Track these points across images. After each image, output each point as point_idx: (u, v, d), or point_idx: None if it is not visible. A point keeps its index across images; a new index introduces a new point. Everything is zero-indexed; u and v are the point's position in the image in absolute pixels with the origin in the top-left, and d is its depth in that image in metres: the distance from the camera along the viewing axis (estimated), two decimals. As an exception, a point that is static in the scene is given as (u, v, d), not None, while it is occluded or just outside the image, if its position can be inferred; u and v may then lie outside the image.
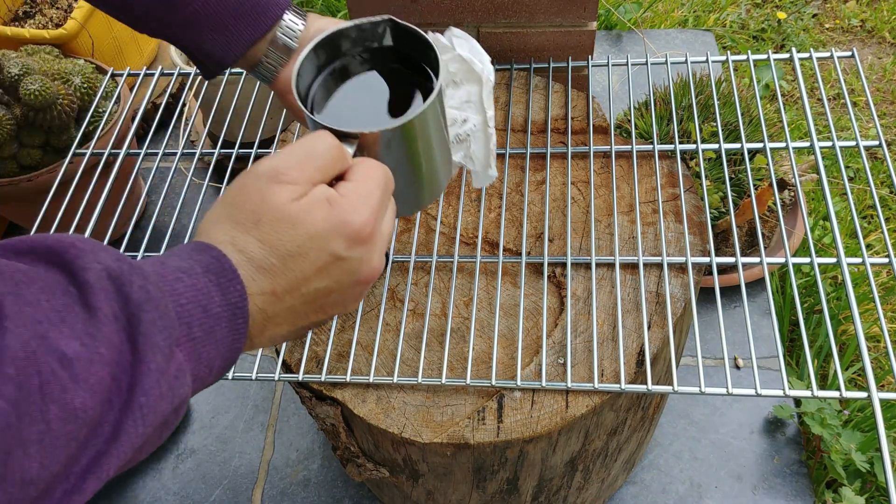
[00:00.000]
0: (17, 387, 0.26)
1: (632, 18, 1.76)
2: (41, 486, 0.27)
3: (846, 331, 1.21)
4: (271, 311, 0.37)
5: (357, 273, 0.40)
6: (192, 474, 1.11)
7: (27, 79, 1.13)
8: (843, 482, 1.00)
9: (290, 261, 0.37)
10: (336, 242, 0.38)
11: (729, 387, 0.60)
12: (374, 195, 0.40)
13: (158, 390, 0.30)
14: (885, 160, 0.74)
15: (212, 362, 0.34)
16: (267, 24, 0.54)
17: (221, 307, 0.34)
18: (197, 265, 0.34)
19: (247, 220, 0.37)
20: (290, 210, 0.37)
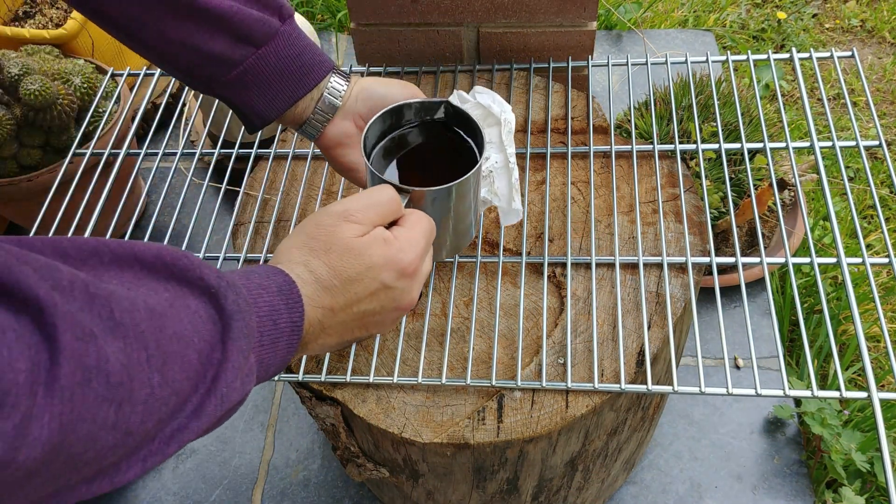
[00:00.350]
0: (127, 355, 0.31)
1: (632, 18, 1.76)
2: (137, 440, 0.33)
3: (846, 331, 1.21)
4: (327, 323, 0.45)
5: (399, 301, 0.48)
6: (193, 474, 1.11)
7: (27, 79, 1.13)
8: (844, 482, 1.00)
9: (348, 284, 0.45)
10: (386, 274, 0.46)
11: (729, 387, 0.60)
12: (420, 242, 0.48)
13: (235, 384, 0.37)
14: (885, 160, 0.74)
15: (269, 368, 0.42)
16: (310, 84, 0.59)
17: (286, 324, 0.42)
18: (273, 285, 0.42)
19: (320, 248, 0.45)
20: (355, 244, 0.45)
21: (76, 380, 0.28)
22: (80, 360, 0.29)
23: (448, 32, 0.91)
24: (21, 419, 0.27)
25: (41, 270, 0.29)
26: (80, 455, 0.30)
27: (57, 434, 0.28)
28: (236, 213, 0.80)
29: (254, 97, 0.59)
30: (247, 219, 0.79)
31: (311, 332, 0.44)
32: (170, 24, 0.54)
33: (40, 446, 0.27)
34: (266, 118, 0.60)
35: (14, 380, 0.26)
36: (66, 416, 0.28)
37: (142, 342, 0.32)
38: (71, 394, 0.28)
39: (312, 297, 0.44)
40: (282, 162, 0.84)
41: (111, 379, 0.30)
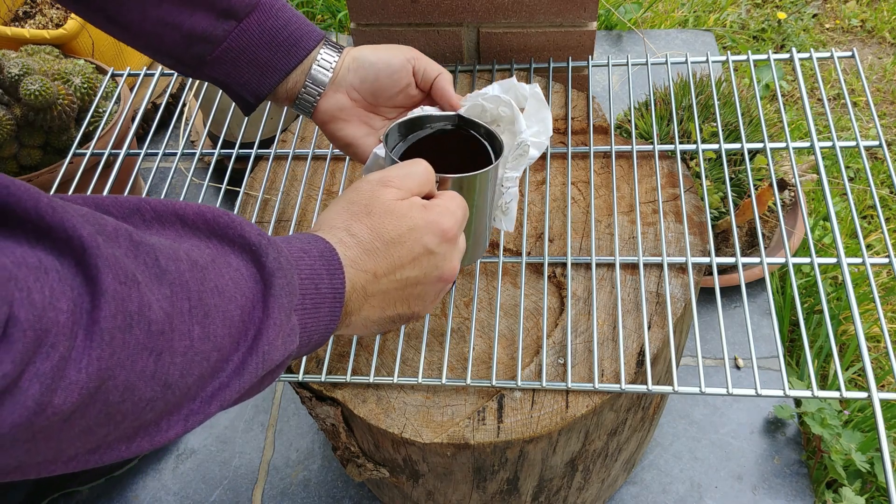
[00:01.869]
0: (171, 303, 0.31)
1: (632, 19, 1.76)
2: (177, 396, 0.32)
3: (846, 331, 1.21)
4: (370, 290, 0.44)
5: (441, 268, 0.47)
6: (193, 474, 1.11)
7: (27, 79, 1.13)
8: (844, 482, 1.00)
9: (391, 246, 0.44)
10: (429, 237, 0.45)
11: (729, 387, 0.60)
12: (458, 212, 0.48)
13: (278, 341, 0.37)
14: (885, 160, 0.74)
15: (311, 335, 0.41)
16: (300, 55, 0.58)
17: (328, 289, 0.41)
18: (314, 249, 0.41)
19: (360, 211, 0.45)
20: (395, 206, 0.45)
21: (117, 324, 0.28)
22: (122, 305, 0.28)
23: (448, 32, 0.91)
24: (59, 360, 0.26)
25: (86, 216, 0.29)
26: (118, 405, 0.29)
27: (95, 379, 0.27)
28: (236, 213, 0.79)
29: (244, 73, 0.58)
30: (247, 219, 0.79)
31: (355, 300, 0.43)
32: (149, 2, 0.53)
33: (77, 390, 0.27)
34: (259, 93, 0.59)
35: (55, 319, 0.26)
36: (105, 361, 0.27)
37: (185, 292, 0.32)
38: (111, 338, 0.28)
39: (355, 260, 0.43)
40: (282, 162, 0.84)
41: (152, 327, 0.29)
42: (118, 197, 0.34)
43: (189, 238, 0.36)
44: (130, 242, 0.30)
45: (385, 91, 0.60)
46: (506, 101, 0.59)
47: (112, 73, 0.93)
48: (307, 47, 0.58)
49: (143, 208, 0.35)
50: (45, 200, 0.27)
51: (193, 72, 0.59)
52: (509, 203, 0.62)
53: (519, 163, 0.60)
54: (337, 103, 0.60)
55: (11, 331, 0.24)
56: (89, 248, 0.28)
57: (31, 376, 0.25)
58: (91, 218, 0.29)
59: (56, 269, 0.27)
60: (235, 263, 0.36)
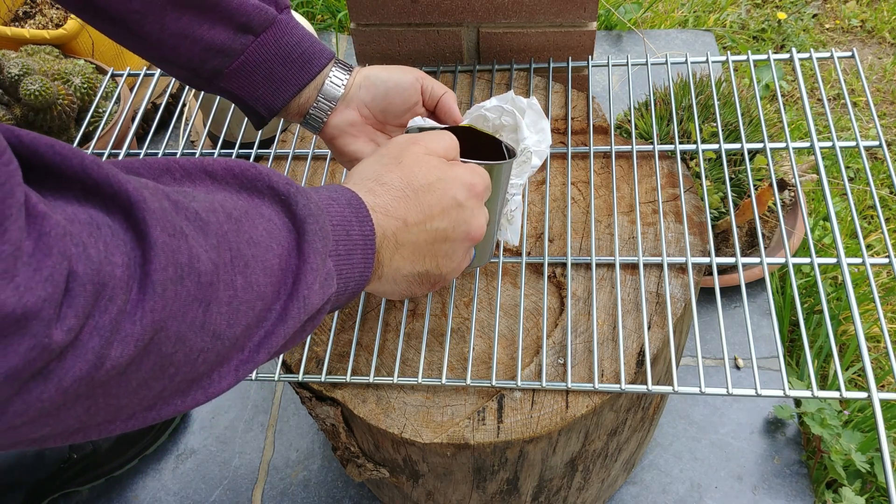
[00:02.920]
0: (217, 254, 0.32)
1: (632, 19, 1.76)
2: (226, 346, 0.33)
3: (846, 331, 1.21)
4: (401, 238, 0.45)
5: (469, 223, 0.48)
6: (192, 474, 1.11)
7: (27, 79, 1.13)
8: (844, 482, 1.00)
9: (422, 193, 0.45)
10: (458, 189, 0.46)
11: (729, 387, 0.60)
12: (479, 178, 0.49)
13: (315, 286, 0.37)
14: (886, 160, 0.74)
15: (347, 282, 0.42)
16: (313, 71, 0.59)
17: (359, 236, 0.42)
18: (342, 198, 0.42)
19: (391, 162, 0.46)
20: (425, 158, 0.46)
21: (168, 276, 0.28)
22: (173, 257, 0.29)
23: (448, 33, 0.91)
24: (117, 313, 0.26)
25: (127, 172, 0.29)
26: (171, 356, 0.30)
27: (149, 330, 0.28)
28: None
29: (259, 87, 0.59)
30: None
31: (386, 249, 0.44)
32: (170, 15, 0.54)
33: (133, 342, 0.27)
34: (272, 108, 0.60)
35: (111, 273, 0.26)
36: (158, 313, 0.28)
37: (226, 243, 0.32)
38: (163, 290, 0.28)
39: (385, 206, 0.44)
40: (282, 162, 0.84)
41: (202, 278, 0.30)
42: (147, 159, 0.35)
43: (220, 192, 0.36)
44: (169, 201, 0.31)
45: (394, 109, 0.62)
46: (508, 111, 0.60)
47: (112, 73, 0.93)
48: (320, 64, 0.60)
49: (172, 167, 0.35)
50: (89, 159, 0.28)
51: (208, 85, 0.60)
52: (514, 212, 0.62)
53: (522, 170, 0.61)
54: (347, 119, 0.61)
55: (72, 285, 0.25)
56: (136, 203, 0.28)
57: (90, 330, 0.26)
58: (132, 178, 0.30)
59: (108, 225, 0.27)
60: (268, 213, 0.37)
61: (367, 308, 0.71)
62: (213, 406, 1.18)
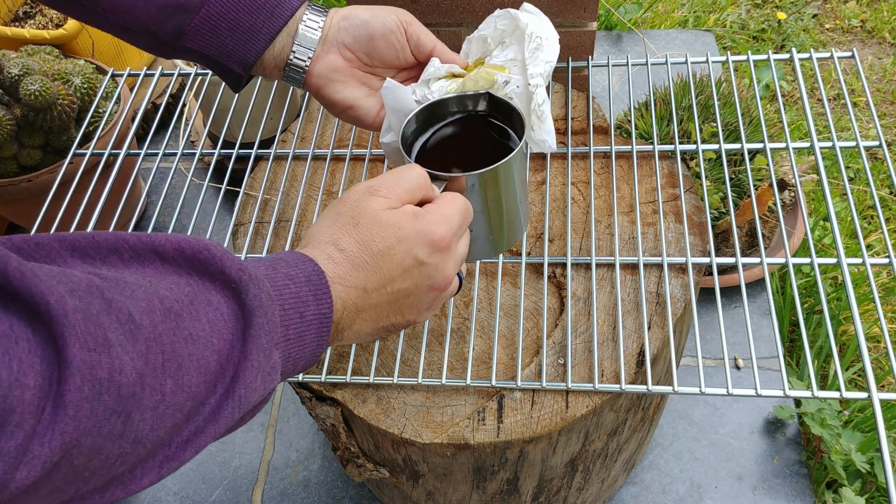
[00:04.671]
0: (145, 361, 0.30)
1: (632, 19, 1.76)
2: (148, 447, 0.32)
3: (846, 331, 1.21)
4: (361, 305, 0.43)
5: (433, 278, 0.46)
6: (192, 474, 1.11)
7: (27, 79, 1.13)
8: (844, 482, 1.00)
9: (380, 259, 0.43)
10: (419, 248, 0.44)
11: (729, 387, 0.60)
12: (454, 218, 0.46)
13: (255, 384, 0.36)
14: (886, 160, 0.74)
15: (297, 362, 0.41)
16: (284, 15, 0.54)
17: (314, 315, 0.40)
18: (301, 274, 0.40)
19: (348, 223, 0.44)
20: (383, 216, 0.44)
21: (84, 395, 0.27)
22: (91, 373, 0.28)
23: (448, 32, 0.91)
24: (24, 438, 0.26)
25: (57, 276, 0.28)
26: (84, 466, 0.29)
27: (59, 451, 0.27)
28: (236, 213, 0.80)
29: (227, 41, 0.54)
30: (247, 219, 0.79)
31: (346, 318, 0.43)
32: None
33: (41, 464, 0.26)
34: (246, 62, 0.55)
35: (21, 397, 0.25)
36: (70, 434, 0.27)
37: (159, 345, 0.31)
38: (77, 410, 0.27)
39: (344, 276, 0.42)
40: (282, 162, 0.84)
41: (123, 391, 0.29)
42: (95, 235, 0.34)
43: (169, 275, 0.35)
44: (103, 300, 0.30)
45: (380, 51, 0.57)
46: (499, 15, 0.57)
47: (112, 74, 0.93)
48: (291, 7, 0.55)
49: (120, 247, 0.34)
50: (13, 264, 0.27)
51: (174, 49, 0.56)
52: (542, 106, 0.56)
53: (536, 57, 0.56)
54: (330, 64, 0.56)
55: None
56: (56, 317, 0.27)
57: None
58: (63, 278, 0.29)
59: (27, 338, 0.26)
60: (216, 301, 0.35)
61: (367, 308, 0.71)
62: (213, 406, 1.18)
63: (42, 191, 1.19)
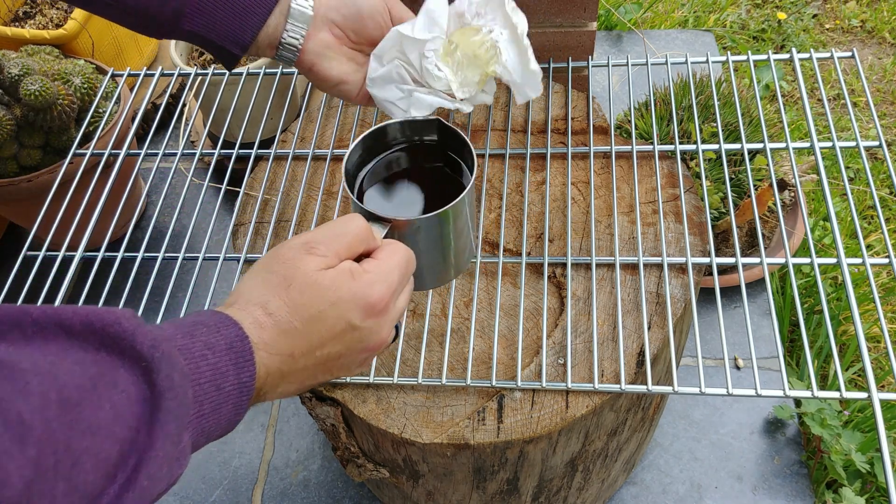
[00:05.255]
0: (35, 467, 0.28)
1: (632, 19, 1.76)
2: None
3: (846, 331, 1.21)
4: (287, 370, 0.41)
5: (366, 342, 0.44)
6: (192, 474, 1.11)
7: (27, 79, 1.13)
8: (844, 483, 1.00)
9: (311, 324, 0.41)
10: (353, 312, 0.42)
11: (729, 387, 0.60)
12: (394, 274, 0.44)
13: (160, 473, 0.33)
14: (886, 161, 0.74)
15: (211, 434, 0.38)
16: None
17: (233, 386, 0.38)
18: (222, 342, 0.38)
19: (279, 284, 0.41)
20: (317, 278, 0.41)
21: None
22: None
23: (448, 33, 0.91)
24: None
25: None
26: None
27: None
28: (236, 213, 0.80)
29: (222, 22, 0.56)
30: (247, 219, 0.79)
31: (269, 383, 0.41)
32: None
33: None
34: (241, 41, 0.57)
35: None
36: None
37: (51, 445, 0.29)
38: None
39: (270, 343, 0.40)
40: (282, 162, 0.84)
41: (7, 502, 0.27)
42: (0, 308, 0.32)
43: (74, 352, 0.32)
44: None
45: (368, 30, 0.59)
46: None
47: (112, 74, 0.93)
48: None
49: (23, 322, 0.32)
50: None
51: (171, 30, 0.57)
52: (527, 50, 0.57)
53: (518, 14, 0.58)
54: (322, 42, 0.59)
55: None
56: None
57: None
58: None
59: None
60: (123, 382, 0.33)
61: (367, 308, 0.71)
62: (213, 406, 1.18)
63: (42, 191, 1.19)
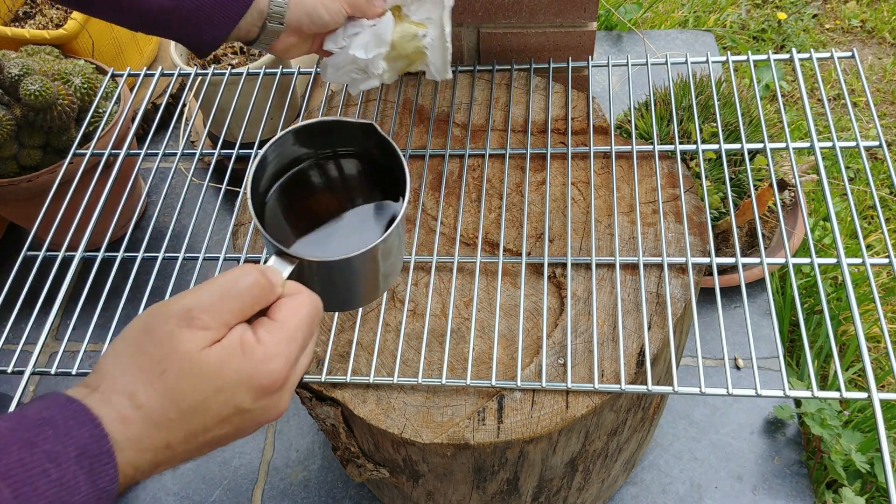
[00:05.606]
0: None
1: (632, 19, 1.76)
2: None
3: (846, 331, 1.21)
4: (162, 459, 0.36)
5: (260, 420, 0.39)
6: (192, 475, 1.11)
7: (27, 79, 1.13)
8: (844, 483, 1.00)
9: (190, 414, 0.35)
10: (242, 396, 0.36)
11: (729, 387, 0.60)
12: (295, 341, 0.38)
13: None
14: (886, 161, 0.74)
15: None
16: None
17: (87, 497, 0.32)
18: (72, 447, 0.32)
19: (152, 368, 0.35)
20: (199, 360, 0.35)
21: None
22: None
23: (448, 33, 0.91)
24: None
25: None
26: None
27: None
28: (236, 213, 0.79)
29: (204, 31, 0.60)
30: (247, 219, 0.79)
31: (140, 475, 0.35)
32: None
33: None
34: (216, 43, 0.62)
35: None
36: None
37: None
38: None
39: (138, 439, 0.34)
40: (282, 162, 0.84)
41: None
42: None
43: None
44: None
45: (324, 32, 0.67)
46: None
47: (112, 74, 0.93)
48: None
49: None
50: None
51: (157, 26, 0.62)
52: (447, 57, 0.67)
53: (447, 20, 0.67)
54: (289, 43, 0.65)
55: None
56: None
57: None
58: None
59: None
60: None
61: (367, 308, 0.71)
62: (213, 406, 1.18)
63: (42, 191, 1.19)
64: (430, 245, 0.74)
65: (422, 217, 0.76)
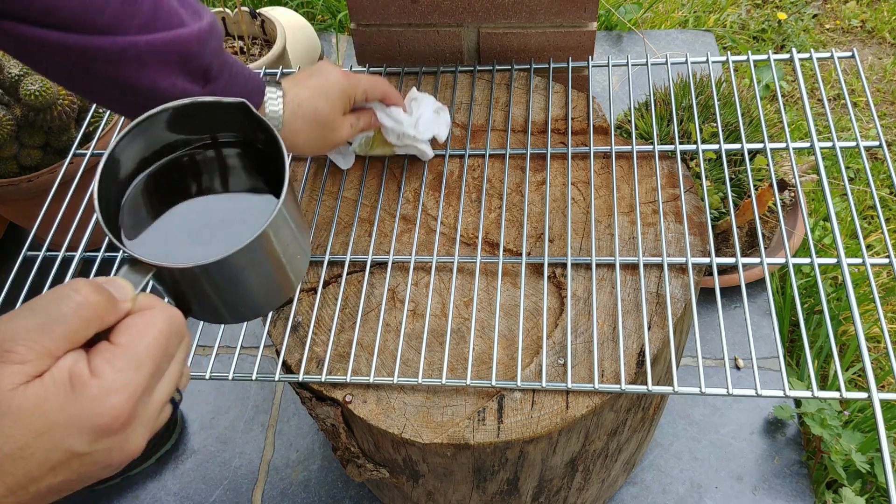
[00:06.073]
0: None
1: (632, 19, 1.76)
2: None
3: (846, 331, 1.21)
4: None
5: (107, 461, 0.33)
6: (193, 475, 1.11)
7: (27, 79, 1.13)
8: (844, 483, 1.00)
9: (8, 463, 0.30)
10: (73, 439, 0.31)
11: (729, 387, 0.60)
12: (142, 367, 0.32)
13: None
14: (886, 161, 0.74)
15: None
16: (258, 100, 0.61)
17: None
18: None
19: None
20: (13, 400, 0.30)
21: None
22: None
23: (448, 33, 0.91)
24: None
25: None
26: None
27: None
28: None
29: None
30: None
31: None
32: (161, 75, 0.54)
33: None
34: None
35: None
36: None
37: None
38: None
39: None
40: (282, 162, 0.84)
41: None
42: None
43: None
44: None
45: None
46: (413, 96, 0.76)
47: (112, 74, 0.93)
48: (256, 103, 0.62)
49: None
50: None
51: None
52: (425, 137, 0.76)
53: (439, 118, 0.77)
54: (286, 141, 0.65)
55: None
56: None
57: None
58: None
59: None
60: None
61: (367, 308, 0.71)
62: (213, 406, 1.18)
63: (42, 191, 1.19)
64: (431, 245, 0.74)
65: (422, 217, 0.76)
